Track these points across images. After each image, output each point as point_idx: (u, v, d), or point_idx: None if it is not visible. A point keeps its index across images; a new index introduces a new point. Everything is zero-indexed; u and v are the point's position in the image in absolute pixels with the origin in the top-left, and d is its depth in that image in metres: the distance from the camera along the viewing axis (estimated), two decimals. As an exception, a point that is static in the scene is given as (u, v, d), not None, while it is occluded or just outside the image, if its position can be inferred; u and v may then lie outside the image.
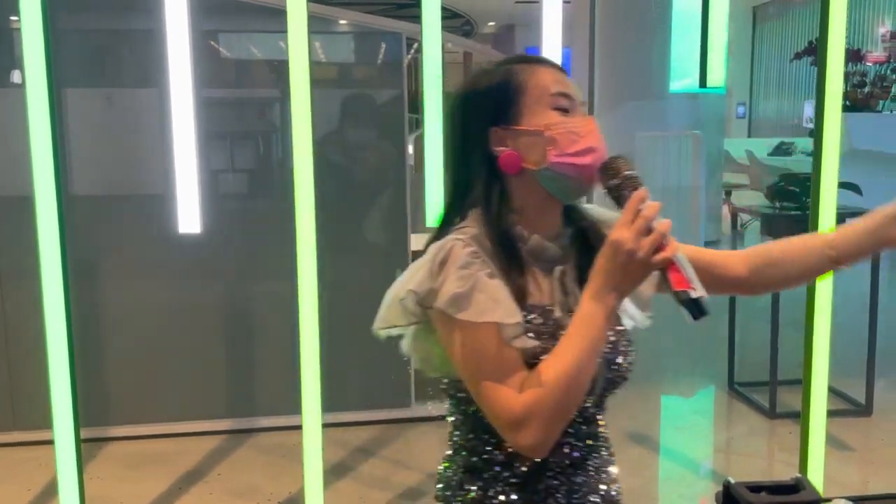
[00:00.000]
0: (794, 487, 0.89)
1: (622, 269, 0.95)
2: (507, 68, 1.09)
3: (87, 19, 3.53)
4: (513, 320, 0.99)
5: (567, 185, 1.06)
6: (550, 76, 1.08)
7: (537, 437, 0.97)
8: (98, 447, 3.31)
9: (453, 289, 0.98)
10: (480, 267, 1.00)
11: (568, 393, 0.97)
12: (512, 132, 1.05)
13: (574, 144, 1.03)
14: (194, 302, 3.48)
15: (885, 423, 3.62)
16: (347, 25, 4.10)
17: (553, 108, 1.06)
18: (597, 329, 0.97)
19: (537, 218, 1.08)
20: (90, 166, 3.39)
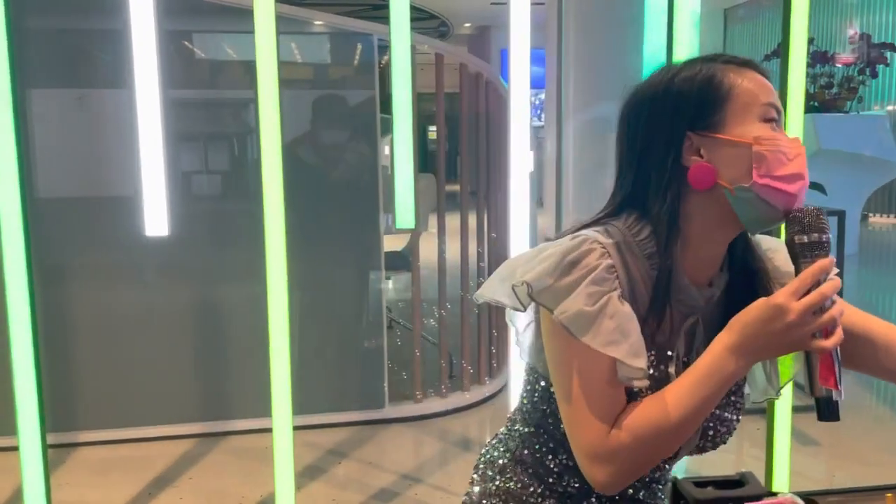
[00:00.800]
0: (740, 482, 0.91)
1: (773, 338, 0.85)
2: (711, 66, 0.95)
3: (55, 19, 3.49)
4: (637, 364, 0.88)
5: (762, 213, 0.91)
6: (760, 82, 0.94)
7: (612, 478, 0.90)
8: (66, 453, 3.27)
9: (581, 305, 0.87)
10: (614, 286, 0.89)
11: (664, 443, 0.89)
12: (711, 140, 0.91)
13: (783, 167, 0.89)
14: (163, 305, 3.45)
15: (850, 417, 3.68)
16: (320, 26, 4.09)
17: (763, 119, 0.92)
18: (717, 386, 0.87)
19: (700, 248, 0.94)
20: (57, 168, 3.35)
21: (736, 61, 0.96)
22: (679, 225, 0.92)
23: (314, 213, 3.49)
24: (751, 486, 0.89)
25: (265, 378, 2.35)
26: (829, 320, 0.83)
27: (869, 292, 6.78)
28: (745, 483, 0.91)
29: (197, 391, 3.52)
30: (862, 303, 6.04)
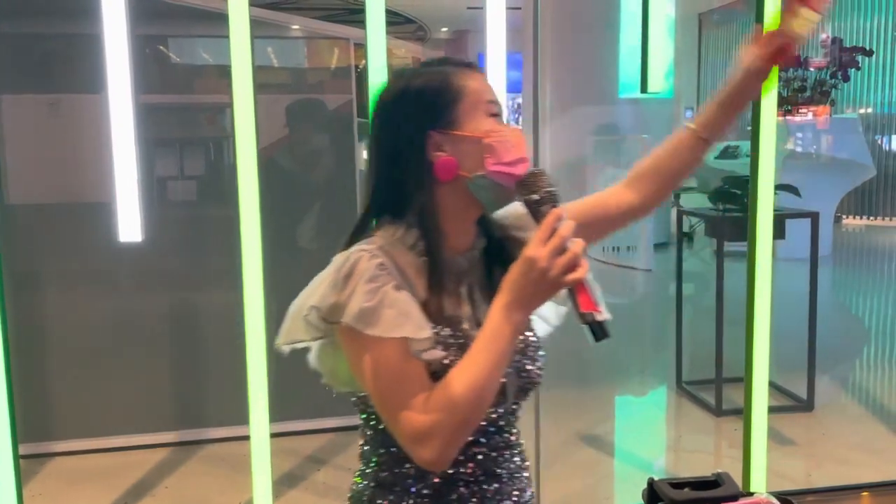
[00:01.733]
0: (716, 483, 0.92)
1: (533, 286, 0.94)
2: (441, 70, 1.06)
3: (29, 25, 3.44)
4: (424, 335, 0.97)
5: (497, 195, 1.04)
6: (482, 82, 1.07)
7: (438, 453, 0.96)
8: (39, 463, 3.22)
9: (361, 303, 0.96)
10: (387, 280, 0.99)
11: (471, 409, 0.96)
12: (450, 137, 1.03)
13: (509, 154, 1.02)
14: (138, 312, 3.41)
15: (826, 417, 3.73)
16: (297, 31, 4.08)
17: (489, 114, 1.05)
18: (503, 344, 0.96)
19: (455, 229, 1.06)
20: (29, 174, 3.30)
21: (461, 65, 1.08)
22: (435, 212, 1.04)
23: (291, 218, 3.47)
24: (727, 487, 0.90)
25: (242, 385, 2.33)
26: (571, 256, 0.92)
27: (842, 293, 6.87)
28: (721, 483, 0.92)
29: (173, 399, 3.48)
30: (835, 303, 6.11)
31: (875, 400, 4.11)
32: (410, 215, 1.04)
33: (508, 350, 0.97)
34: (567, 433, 3.52)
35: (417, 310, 0.99)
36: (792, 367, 3.98)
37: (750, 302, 2.42)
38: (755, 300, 2.41)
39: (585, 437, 3.52)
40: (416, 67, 1.10)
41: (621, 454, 3.47)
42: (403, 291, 0.99)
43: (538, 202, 0.97)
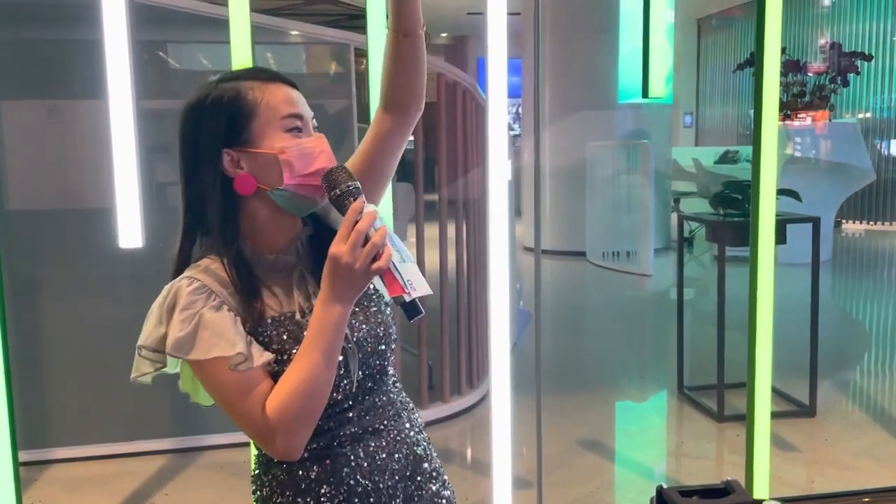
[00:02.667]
0: (725, 491, 0.91)
1: (344, 281, 0.99)
2: (236, 86, 1.08)
3: (28, 30, 3.44)
4: (233, 351, 1.03)
5: (300, 203, 1.09)
6: (281, 95, 1.09)
7: (284, 444, 1.03)
8: (38, 470, 3.21)
9: (176, 333, 1.03)
10: (205, 302, 1.04)
11: (306, 400, 1.02)
12: (246, 154, 1.07)
13: (308, 166, 1.06)
14: (137, 318, 3.39)
15: (828, 423, 3.72)
16: (297, 36, 4.08)
17: (285, 130, 1.07)
18: (329, 336, 1.02)
19: (272, 232, 1.11)
20: (30, 180, 3.29)
21: (261, 76, 1.10)
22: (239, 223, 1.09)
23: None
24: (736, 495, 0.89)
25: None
26: (370, 248, 0.98)
27: (843, 298, 6.86)
28: (731, 491, 0.90)
29: (172, 406, 3.47)
30: (836, 308, 6.11)
31: (877, 405, 4.10)
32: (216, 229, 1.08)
33: (335, 340, 1.02)
34: (568, 439, 3.51)
35: (232, 326, 1.04)
36: (794, 373, 3.97)
37: (752, 307, 2.41)
38: (757, 305, 2.40)
39: (586, 443, 3.51)
40: (218, 79, 1.11)
41: (622, 460, 3.45)
42: (222, 310, 1.04)
43: (339, 197, 1.01)
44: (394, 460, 1.15)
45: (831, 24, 11.54)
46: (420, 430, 1.23)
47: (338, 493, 1.11)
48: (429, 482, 1.21)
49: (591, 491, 3.07)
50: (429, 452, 1.23)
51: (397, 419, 1.18)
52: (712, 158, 10.26)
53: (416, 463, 1.19)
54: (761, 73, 2.34)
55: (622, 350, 5.37)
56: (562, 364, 4.67)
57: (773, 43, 2.33)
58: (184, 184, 1.11)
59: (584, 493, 3.03)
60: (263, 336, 1.08)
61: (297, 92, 1.12)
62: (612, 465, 3.40)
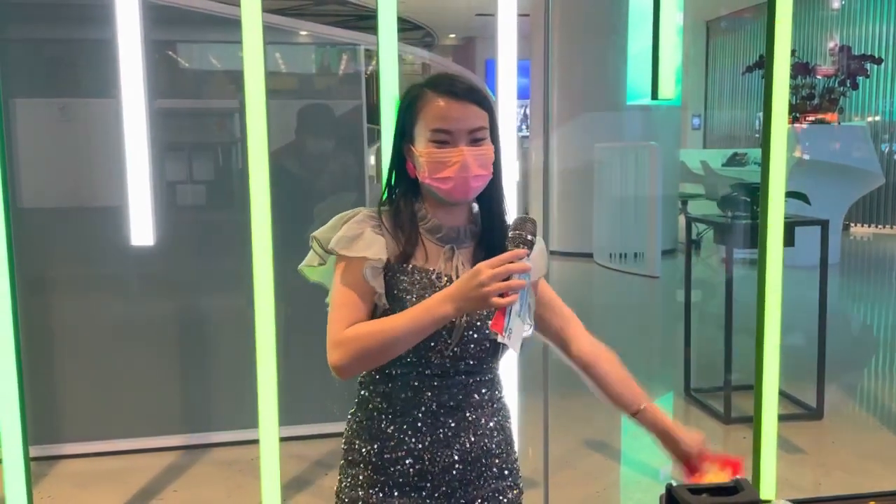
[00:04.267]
0: (734, 489, 0.92)
1: (468, 291, 1.14)
2: (418, 91, 1.31)
3: (41, 30, 3.47)
4: (375, 256, 1.25)
5: (440, 196, 1.30)
6: (437, 111, 1.28)
7: (339, 362, 1.22)
8: (48, 465, 3.23)
9: (343, 233, 1.28)
10: (370, 224, 1.29)
11: (373, 349, 1.21)
12: (409, 149, 1.32)
13: (438, 172, 1.27)
14: (148, 315, 3.42)
15: (835, 426, 3.71)
16: (307, 37, 4.10)
17: (430, 140, 1.28)
18: (424, 322, 1.18)
19: (442, 210, 1.32)
20: (43, 178, 3.32)
21: (438, 89, 1.30)
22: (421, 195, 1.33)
23: (301, 223, 3.47)
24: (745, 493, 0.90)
25: (250, 389, 2.34)
26: (505, 285, 1.12)
27: (851, 301, 6.85)
28: (740, 490, 0.91)
29: (182, 402, 3.49)
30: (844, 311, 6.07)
31: (885, 408, 4.09)
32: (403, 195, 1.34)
33: (427, 328, 1.18)
34: (575, 440, 3.52)
35: (382, 246, 1.27)
36: (801, 376, 3.96)
37: (760, 309, 2.41)
38: (765, 307, 2.40)
39: (593, 444, 3.51)
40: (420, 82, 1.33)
41: (628, 461, 3.46)
42: (380, 236, 1.28)
43: (513, 238, 1.17)
44: (457, 442, 1.28)
45: (841, 27, 11.50)
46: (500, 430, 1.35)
47: (397, 451, 1.27)
48: (494, 478, 1.33)
49: (597, 491, 3.07)
50: (503, 450, 1.35)
51: (478, 409, 1.31)
52: (720, 161, 10.24)
53: (485, 453, 1.30)
54: (771, 76, 2.34)
55: (629, 351, 5.36)
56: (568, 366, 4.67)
57: (782, 45, 2.34)
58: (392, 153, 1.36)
59: (590, 494, 3.04)
60: (398, 276, 1.27)
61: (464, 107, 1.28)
62: (619, 466, 3.40)
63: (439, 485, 1.28)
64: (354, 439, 1.33)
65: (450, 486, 1.28)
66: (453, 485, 1.28)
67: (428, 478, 1.27)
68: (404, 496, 1.28)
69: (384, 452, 1.28)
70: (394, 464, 1.27)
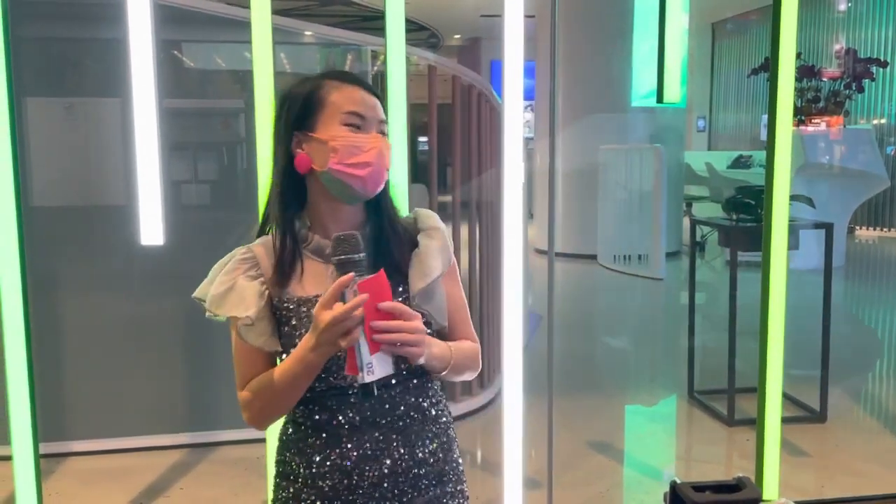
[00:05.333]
0: (737, 487, 0.93)
1: (319, 338, 1.12)
2: (318, 82, 1.26)
3: (50, 28, 3.49)
4: (244, 313, 1.21)
5: (344, 189, 1.23)
6: (351, 95, 1.24)
7: (251, 421, 1.27)
8: (57, 462, 3.26)
9: (214, 290, 1.24)
10: (246, 271, 1.24)
11: (273, 403, 1.23)
12: (307, 138, 1.24)
13: (353, 157, 1.21)
14: (156, 314, 3.44)
15: (839, 429, 3.72)
16: (313, 37, 4.11)
17: (343, 124, 1.22)
18: (305, 371, 1.17)
19: (329, 218, 1.26)
20: (51, 177, 3.35)
21: (340, 78, 1.26)
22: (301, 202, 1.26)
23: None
24: (748, 491, 0.91)
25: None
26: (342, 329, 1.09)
27: (855, 304, 6.84)
28: (742, 487, 0.93)
29: (188, 400, 3.51)
30: (848, 314, 6.08)
31: (888, 412, 4.09)
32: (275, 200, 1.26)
33: (303, 376, 1.18)
34: (578, 441, 3.53)
35: (255, 295, 1.23)
36: (805, 379, 3.97)
37: (764, 312, 2.42)
38: (769, 310, 2.41)
39: (597, 445, 3.52)
40: (310, 76, 1.30)
41: (632, 463, 3.47)
42: (255, 281, 1.24)
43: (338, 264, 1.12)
44: (386, 455, 1.23)
45: (847, 30, 11.49)
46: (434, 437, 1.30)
47: (324, 466, 1.23)
48: (432, 486, 1.27)
49: (600, 492, 3.08)
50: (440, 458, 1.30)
51: (405, 419, 1.26)
52: (725, 163, 10.24)
53: (418, 463, 1.25)
54: (776, 79, 2.35)
55: (633, 353, 5.38)
56: (573, 366, 4.69)
57: (788, 48, 2.35)
58: (271, 163, 1.29)
59: (593, 494, 3.05)
60: (285, 310, 1.23)
61: (374, 98, 1.25)
62: (622, 468, 3.41)
63: (371, 498, 1.23)
64: (285, 452, 1.30)
65: (382, 499, 1.24)
66: (386, 497, 1.24)
67: (358, 492, 1.23)
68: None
69: (312, 467, 1.24)
70: (322, 478, 1.23)
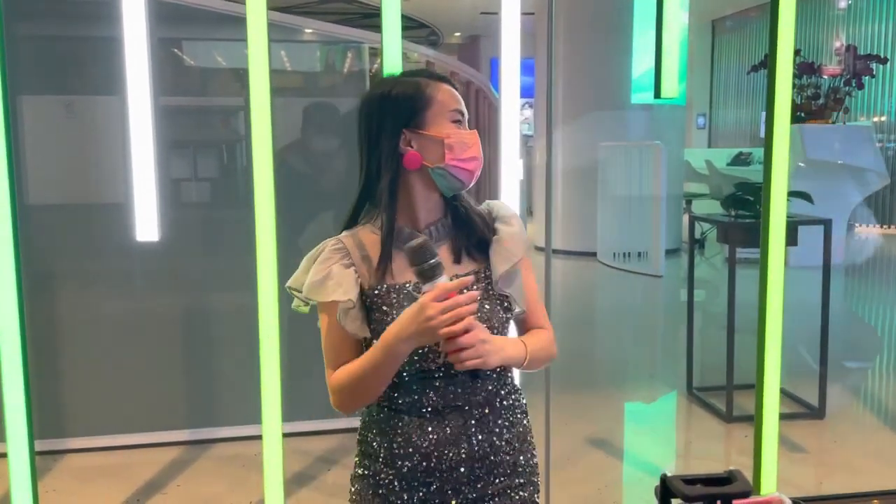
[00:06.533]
0: (728, 480, 0.93)
1: (418, 326, 1.18)
2: (417, 81, 1.31)
3: (46, 26, 3.49)
4: (344, 297, 1.26)
5: (453, 183, 1.31)
6: (450, 94, 1.32)
7: (339, 405, 1.31)
8: (53, 460, 3.26)
9: (312, 277, 1.29)
10: (339, 259, 1.29)
11: (360, 390, 1.28)
12: (418, 135, 1.29)
13: (464, 152, 1.30)
14: (152, 312, 3.44)
15: (837, 425, 3.72)
16: (311, 34, 4.11)
17: (451, 121, 1.30)
18: (386, 361, 1.23)
19: (420, 208, 1.32)
20: (49, 175, 3.34)
21: (434, 77, 1.33)
22: (398, 195, 1.30)
23: (305, 220, 3.49)
24: (738, 484, 0.91)
25: (254, 385, 2.35)
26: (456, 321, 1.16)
27: (854, 301, 6.84)
28: (733, 480, 0.92)
29: (185, 398, 3.51)
30: (847, 311, 6.07)
31: (887, 408, 4.09)
32: (381, 195, 1.30)
33: (390, 365, 1.23)
34: (577, 437, 3.53)
35: (352, 281, 1.28)
36: (803, 375, 3.97)
37: (762, 308, 2.42)
38: (767, 307, 2.41)
39: (595, 442, 3.52)
40: (400, 75, 1.37)
41: (631, 459, 3.47)
42: (349, 268, 1.29)
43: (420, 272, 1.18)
44: (465, 440, 1.28)
45: (846, 26, 11.47)
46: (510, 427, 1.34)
47: (405, 448, 1.28)
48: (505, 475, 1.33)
49: (598, 489, 3.08)
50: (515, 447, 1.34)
51: (485, 407, 1.31)
52: (725, 160, 10.23)
53: (494, 450, 1.31)
54: (774, 75, 2.35)
55: (632, 350, 5.38)
56: (571, 363, 4.68)
57: (786, 45, 2.34)
58: (365, 160, 1.33)
59: (591, 492, 3.05)
60: (376, 297, 1.28)
61: (458, 93, 1.33)
62: (621, 464, 3.41)
63: (447, 481, 1.29)
64: (367, 432, 1.36)
65: (458, 483, 1.29)
66: (462, 481, 1.29)
67: (436, 475, 1.28)
68: (413, 490, 1.30)
69: (393, 448, 1.30)
70: (402, 459, 1.29)
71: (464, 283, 1.21)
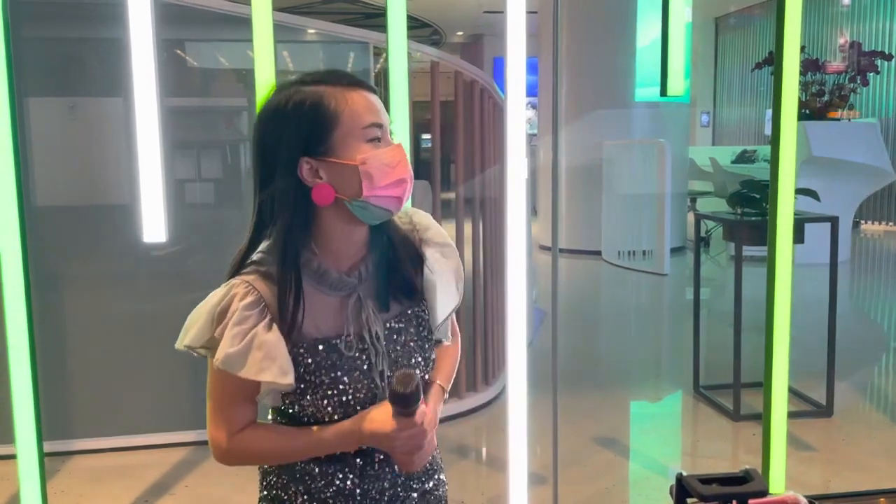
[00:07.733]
0: (744, 479, 0.92)
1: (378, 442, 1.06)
2: (318, 91, 1.05)
3: (52, 28, 3.49)
4: (286, 381, 1.03)
5: (377, 214, 1.07)
6: (363, 103, 1.05)
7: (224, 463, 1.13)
8: (62, 461, 3.26)
9: (227, 348, 1.02)
10: (258, 318, 1.03)
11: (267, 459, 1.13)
12: (326, 163, 1.03)
13: (387, 177, 1.04)
14: (160, 311, 3.44)
15: (845, 423, 3.70)
16: (315, 35, 4.10)
17: (366, 140, 1.04)
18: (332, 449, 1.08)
19: (342, 245, 1.09)
20: (55, 176, 3.35)
21: (343, 82, 1.06)
22: (312, 234, 1.06)
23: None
24: (755, 483, 0.90)
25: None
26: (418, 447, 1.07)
27: (861, 298, 6.82)
28: (749, 480, 0.92)
29: (193, 398, 3.51)
30: (853, 309, 6.07)
31: (895, 406, 4.07)
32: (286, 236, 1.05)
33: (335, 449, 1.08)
34: (584, 437, 3.52)
35: (284, 352, 1.03)
36: (811, 373, 3.95)
37: (769, 306, 2.41)
38: (775, 305, 2.40)
39: (602, 441, 3.52)
40: (297, 81, 1.08)
41: (638, 458, 3.46)
42: (273, 330, 1.03)
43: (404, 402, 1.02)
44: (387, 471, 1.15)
45: (851, 23, 11.44)
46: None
47: (327, 489, 1.12)
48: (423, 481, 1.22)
49: (606, 488, 3.08)
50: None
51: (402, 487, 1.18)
52: (729, 158, 10.20)
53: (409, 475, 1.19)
54: (780, 72, 2.34)
55: (638, 349, 5.37)
56: (578, 362, 4.68)
57: (792, 41, 2.33)
58: (257, 186, 1.08)
59: (599, 490, 3.04)
60: (297, 353, 1.06)
61: (376, 97, 1.08)
62: (628, 463, 3.40)
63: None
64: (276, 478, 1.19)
65: None
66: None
67: None
68: None
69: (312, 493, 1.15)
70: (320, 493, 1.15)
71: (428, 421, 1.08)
